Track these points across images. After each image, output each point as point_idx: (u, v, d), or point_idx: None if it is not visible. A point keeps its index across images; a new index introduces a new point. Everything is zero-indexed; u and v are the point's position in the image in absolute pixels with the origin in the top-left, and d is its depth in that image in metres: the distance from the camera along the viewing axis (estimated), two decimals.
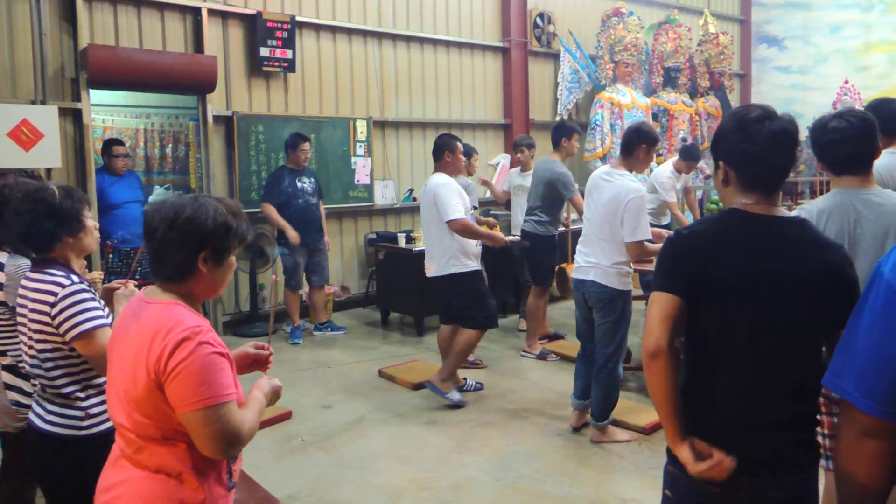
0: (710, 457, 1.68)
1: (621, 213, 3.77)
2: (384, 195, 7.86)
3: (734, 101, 11.73)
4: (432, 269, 4.77)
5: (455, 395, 4.75)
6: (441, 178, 4.70)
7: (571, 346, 5.92)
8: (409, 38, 8.00)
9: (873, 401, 1.24)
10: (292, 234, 6.17)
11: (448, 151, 4.82)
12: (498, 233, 4.88)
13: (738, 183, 1.78)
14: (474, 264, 4.71)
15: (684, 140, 10.03)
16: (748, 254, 1.72)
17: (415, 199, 8.11)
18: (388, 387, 5.14)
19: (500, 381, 5.23)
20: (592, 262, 3.93)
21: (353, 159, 7.48)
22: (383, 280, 7.00)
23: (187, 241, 1.65)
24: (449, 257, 4.63)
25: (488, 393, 4.99)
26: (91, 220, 2.31)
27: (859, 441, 1.28)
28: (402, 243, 6.69)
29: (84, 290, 2.16)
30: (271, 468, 3.81)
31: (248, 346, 2.06)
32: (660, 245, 3.54)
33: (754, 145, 1.74)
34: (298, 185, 6.31)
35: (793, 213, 1.81)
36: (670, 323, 1.72)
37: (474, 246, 4.72)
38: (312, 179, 6.47)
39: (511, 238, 5.65)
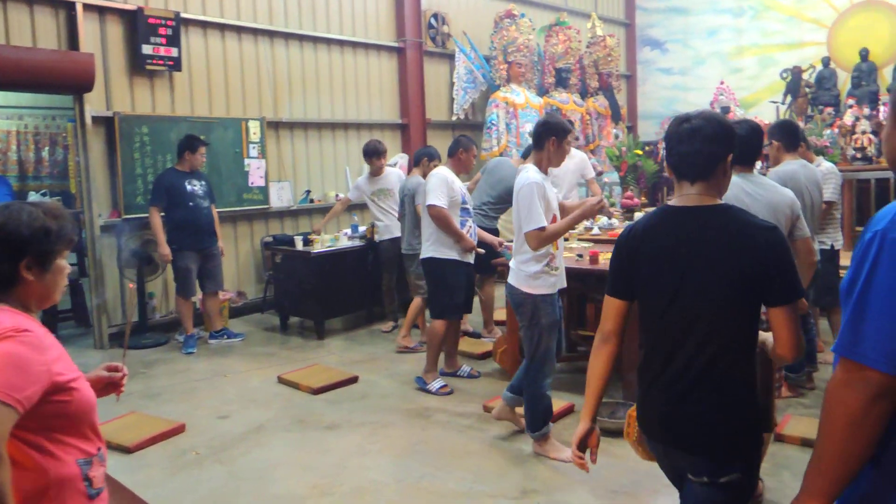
0: (589, 451, 2.19)
1: (517, 207, 3.67)
2: (280, 197, 7.68)
3: (621, 101, 12.23)
4: (422, 252, 5.05)
5: (434, 385, 4.89)
6: (440, 170, 4.97)
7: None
8: (301, 38, 7.85)
9: (893, 359, 1.31)
10: (162, 252, 5.99)
11: (462, 149, 5.12)
12: (469, 238, 4.92)
13: (673, 177, 2.06)
14: (454, 254, 4.86)
15: (576, 139, 10.36)
16: (669, 238, 1.98)
17: (312, 201, 7.98)
18: (288, 393, 5.02)
19: (402, 380, 5.21)
20: (512, 264, 3.85)
21: (246, 161, 7.26)
22: (281, 284, 6.84)
23: (4, 251, 1.59)
24: (431, 242, 4.90)
25: (391, 393, 4.96)
26: None
27: (873, 404, 1.33)
28: (299, 246, 6.55)
29: None
30: (163, 485, 3.64)
31: (101, 368, 1.95)
32: (565, 224, 3.60)
33: (671, 142, 2.02)
34: (189, 187, 6.07)
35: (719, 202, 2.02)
36: (619, 318, 2.10)
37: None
38: (203, 182, 6.24)
39: (500, 241, 5.54)
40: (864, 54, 10.65)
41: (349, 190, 7.29)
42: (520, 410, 4.05)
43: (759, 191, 3.37)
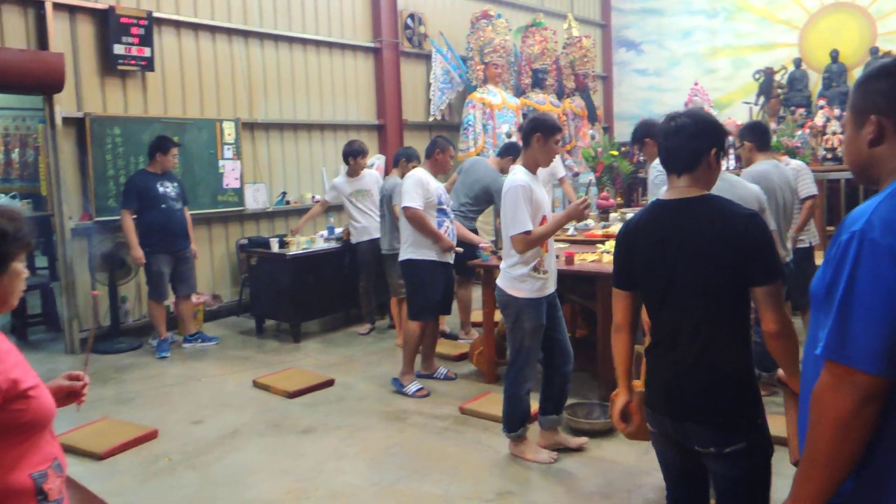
0: (631, 421, 2.38)
1: (502, 210, 3.63)
2: (256, 199, 7.62)
3: (598, 101, 12.30)
4: (400, 254, 5.06)
5: (411, 388, 4.89)
6: (415, 172, 4.96)
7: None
8: (277, 38, 7.79)
9: (881, 360, 1.31)
10: (135, 255, 5.92)
11: (438, 150, 5.11)
12: (447, 238, 4.92)
13: (666, 172, 2.25)
14: (432, 255, 4.87)
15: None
16: (660, 231, 2.16)
17: (288, 203, 7.92)
18: (263, 397, 4.97)
19: (379, 382, 5.19)
20: (502, 266, 3.80)
21: (220, 162, 7.19)
22: (257, 287, 6.78)
23: None
24: (409, 244, 4.90)
25: (367, 395, 4.94)
26: None
27: (862, 407, 1.33)
28: (275, 248, 6.50)
29: None
30: (135, 492, 3.59)
31: (62, 377, 1.90)
32: (550, 226, 3.55)
33: (661, 138, 2.24)
34: (161, 189, 6.00)
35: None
36: (626, 309, 2.33)
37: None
38: (176, 184, 6.18)
39: (484, 242, 5.51)
40: (835, 56, 10.82)
41: (326, 191, 7.23)
42: (556, 437, 3.93)
43: (725, 186, 3.46)
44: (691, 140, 2.15)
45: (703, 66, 12.56)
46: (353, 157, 6.46)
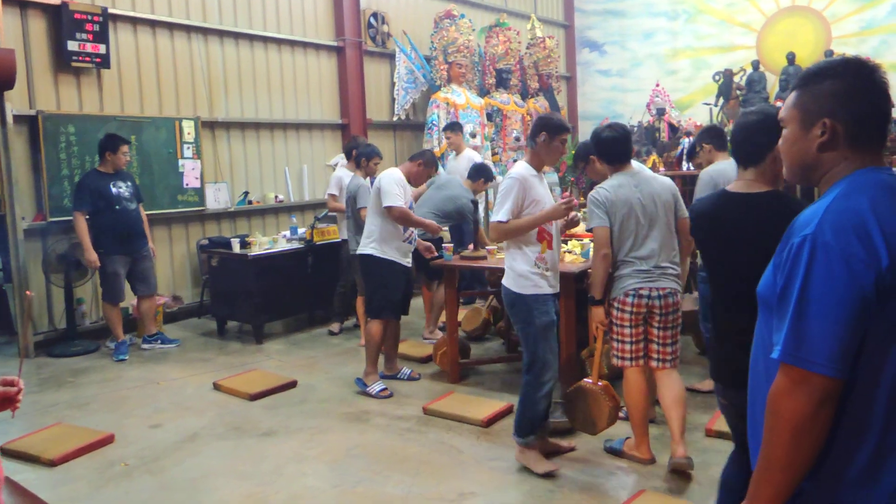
0: None
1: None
2: (217, 199, 7.51)
3: (562, 101, 12.40)
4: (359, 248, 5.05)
5: (375, 388, 4.85)
6: (394, 171, 4.96)
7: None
8: (237, 35, 7.69)
9: (837, 362, 1.32)
10: (88, 258, 5.81)
11: (423, 162, 5.12)
12: (432, 223, 5.12)
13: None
14: (393, 255, 4.86)
15: (517, 139, 10.44)
16: (728, 222, 2.42)
17: (250, 203, 7.83)
18: (224, 400, 4.90)
19: (342, 383, 5.15)
20: (505, 265, 3.69)
21: (180, 162, 7.07)
22: (218, 288, 6.68)
23: None
24: (370, 240, 4.89)
25: (330, 397, 4.90)
26: None
27: (818, 410, 1.34)
28: (236, 249, 6.41)
29: None
30: (89, 499, 3.50)
31: None
32: (527, 221, 3.50)
33: (734, 129, 2.50)
34: (114, 190, 5.89)
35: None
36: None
37: (402, 241, 4.89)
38: (129, 183, 6.06)
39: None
40: (791, 58, 11.04)
41: (330, 187, 6.86)
42: (546, 444, 3.83)
43: (641, 183, 3.65)
44: (756, 135, 2.40)
45: (664, 67, 12.72)
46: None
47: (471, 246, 5.46)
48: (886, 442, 1.37)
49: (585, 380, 3.83)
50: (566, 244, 5.22)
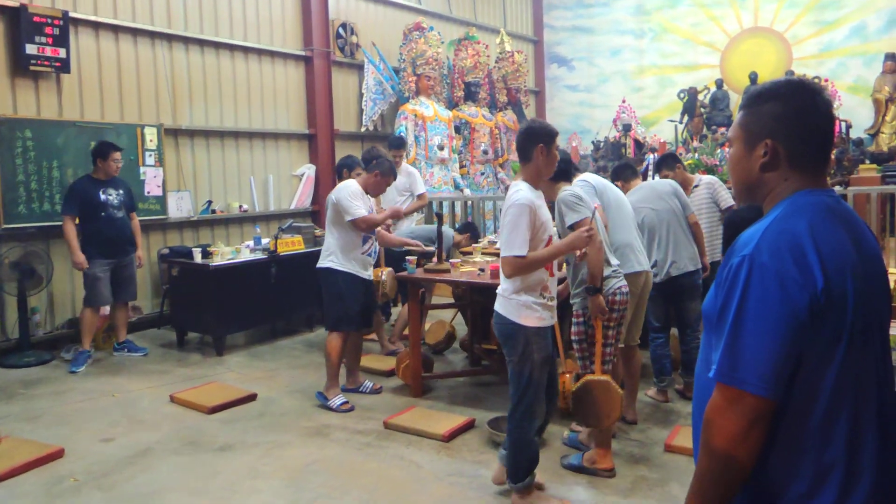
0: None
1: (501, 226, 3.30)
2: (179, 207, 7.39)
3: (530, 115, 12.48)
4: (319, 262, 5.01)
5: (335, 402, 4.79)
6: (350, 183, 4.92)
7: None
8: (202, 42, 7.60)
9: (770, 383, 1.33)
10: (75, 259, 5.81)
11: (381, 173, 4.95)
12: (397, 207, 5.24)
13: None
14: (352, 267, 4.82)
15: (485, 152, 10.48)
16: None
17: (214, 212, 7.72)
18: (180, 414, 4.79)
19: (303, 397, 5.08)
20: (498, 290, 3.38)
21: (141, 169, 6.94)
22: (178, 298, 6.55)
23: None
24: (329, 253, 4.86)
25: (290, 410, 4.83)
26: None
27: (751, 428, 1.35)
28: (197, 259, 6.31)
29: None
30: None
31: None
32: (547, 252, 3.22)
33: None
34: (102, 197, 5.90)
35: None
36: None
37: (361, 252, 4.85)
38: (121, 191, 6.07)
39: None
40: (754, 77, 11.29)
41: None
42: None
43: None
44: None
45: (630, 83, 12.92)
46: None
47: (434, 259, 5.44)
48: (822, 461, 1.38)
49: (589, 375, 3.71)
50: None
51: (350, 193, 4.80)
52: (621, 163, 5.38)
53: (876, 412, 1.41)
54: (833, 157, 7.44)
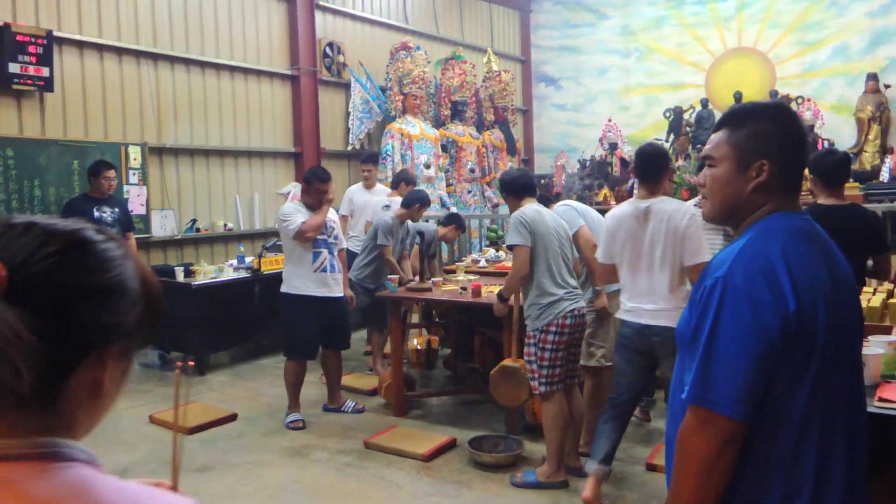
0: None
1: (682, 236, 3.27)
2: (163, 226, 7.35)
3: (517, 134, 12.55)
4: None
5: (288, 419, 4.83)
6: (289, 204, 5.01)
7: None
8: (188, 61, 7.61)
9: (742, 405, 1.33)
10: None
11: (318, 182, 4.83)
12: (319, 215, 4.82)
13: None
14: (305, 287, 4.75)
15: (472, 171, 10.51)
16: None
17: (198, 230, 7.69)
18: (159, 434, 4.74)
19: (281, 416, 5.03)
20: (660, 306, 3.29)
21: (125, 188, 6.91)
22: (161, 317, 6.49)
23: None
24: (285, 277, 4.88)
25: (271, 431, 4.78)
26: None
27: (723, 450, 1.35)
28: (180, 277, 6.27)
29: None
30: None
31: None
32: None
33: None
34: (96, 214, 5.91)
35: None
36: None
37: (313, 271, 4.76)
38: (116, 210, 6.09)
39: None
40: (738, 97, 11.38)
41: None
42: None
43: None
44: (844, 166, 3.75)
45: (617, 102, 13.01)
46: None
47: (416, 277, 5.43)
48: (792, 483, 1.37)
49: (505, 361, 4.07)
50: None
51: (283, 214, 4.81)
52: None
53: (845, 435, 1.41)
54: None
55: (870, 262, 3.73)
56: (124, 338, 0.80)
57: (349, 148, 9.45)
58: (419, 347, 6.06)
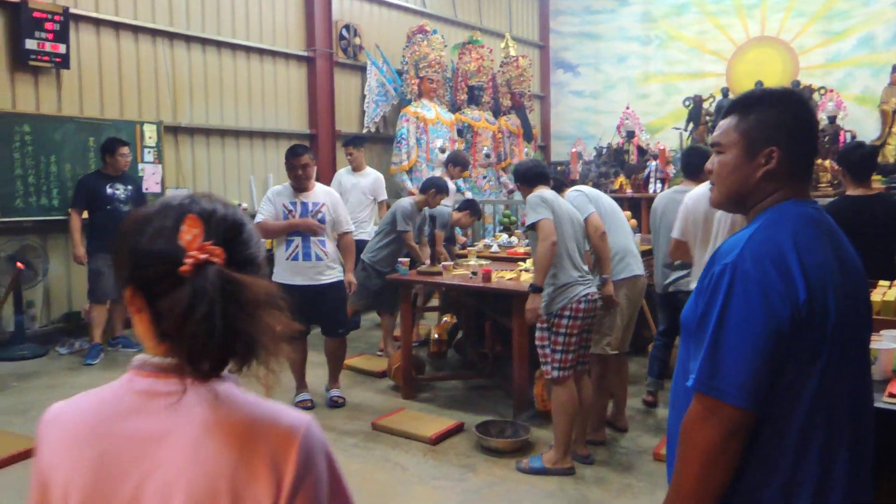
0: None
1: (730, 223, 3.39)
2: None
3: (534, 121, 12.46)
4: None
5: (298, 397, 4.85)
6: (272, 189, 4.87)
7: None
8: (204, 41, 7.60)
9: (749, 394, 1.30)
10: (75, 253, 5.97)
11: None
12: (297, 221, 4.62)
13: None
14: (279, 275, 4.70)
15: (487, 156, 10.46)
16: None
17: None
18: None
19: (293, 398, 5.05)
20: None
21: (140, 166, 6.94)
22: None
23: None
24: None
25: None
26: None
27: (727, 441, 1.32)
28: None
29: None
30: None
31: None
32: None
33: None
34: (109, 191, 5.98)
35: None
36: None
37: (285, 258, 4.69)
38: (130, 187, 6.14)
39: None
40: (759, 86, 11.23)
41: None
42: None
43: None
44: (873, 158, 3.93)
45: (636, 90, 12.87)
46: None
47: (427, 261, 5.42)
48: (796, 477, 1.35)
49: None
50: (525, 262, 5.20)
51: (265, 197, 4.74)
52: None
53: (850, 430, 1.39)
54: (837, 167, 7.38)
55: None
56: None
57: (364, 131, 9.43)
58: (438, 337, 5.84)
